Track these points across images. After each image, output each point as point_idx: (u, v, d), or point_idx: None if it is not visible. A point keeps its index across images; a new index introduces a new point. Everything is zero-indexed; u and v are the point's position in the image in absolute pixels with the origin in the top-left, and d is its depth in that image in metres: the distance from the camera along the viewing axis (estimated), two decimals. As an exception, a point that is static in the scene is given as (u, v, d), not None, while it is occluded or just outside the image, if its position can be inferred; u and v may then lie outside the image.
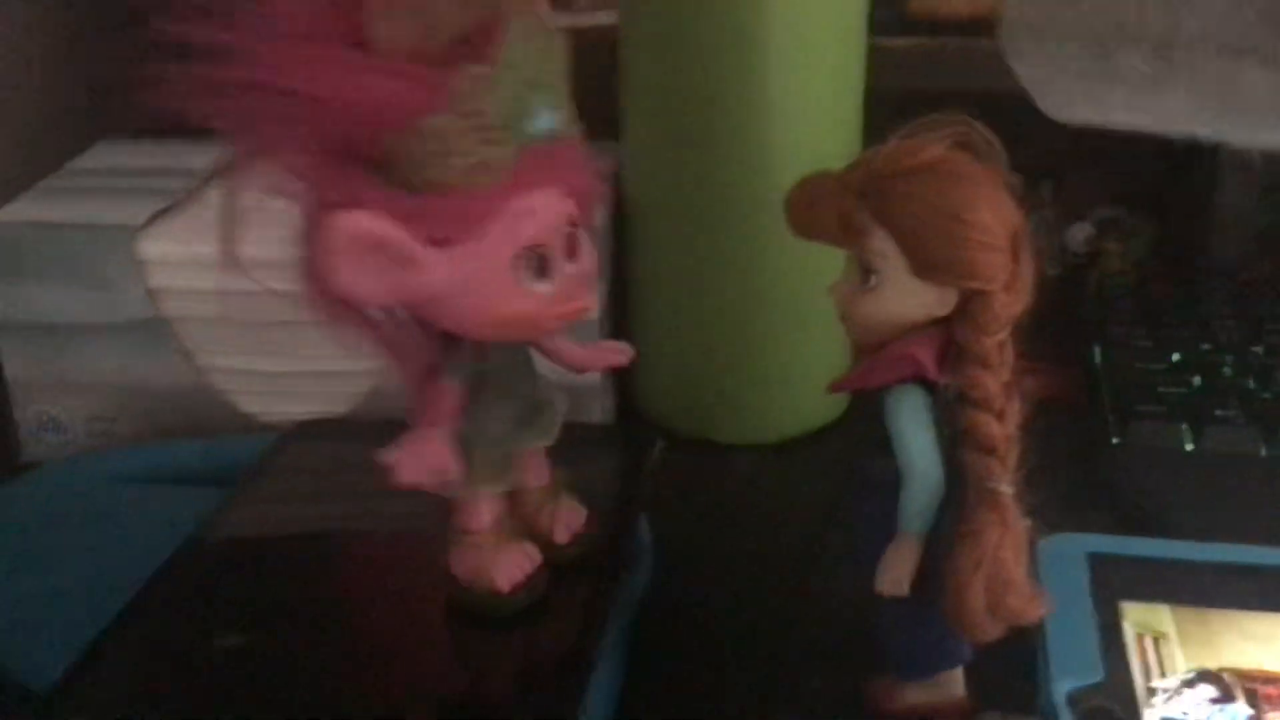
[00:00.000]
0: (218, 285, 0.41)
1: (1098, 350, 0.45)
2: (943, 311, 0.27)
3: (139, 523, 0.37)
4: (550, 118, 0.27)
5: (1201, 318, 0.46)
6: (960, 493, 0.28)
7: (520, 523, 0.32)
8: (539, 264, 0.27)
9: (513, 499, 0.31)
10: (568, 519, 0.32)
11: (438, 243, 0.26)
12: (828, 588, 0.35)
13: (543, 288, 0.28)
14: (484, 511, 0.30)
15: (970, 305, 0.27)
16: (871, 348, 0.28)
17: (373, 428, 0.39)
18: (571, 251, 0.28)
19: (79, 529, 0.38)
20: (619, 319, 0.45)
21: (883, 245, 0.27)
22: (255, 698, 0.28)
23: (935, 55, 0.49)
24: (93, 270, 0.42)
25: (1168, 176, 0.55)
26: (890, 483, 0.28)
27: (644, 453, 0.37)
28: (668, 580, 0.35)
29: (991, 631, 0.27)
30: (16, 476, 0.40)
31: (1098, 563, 0.34)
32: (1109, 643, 0.31)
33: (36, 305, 0.43)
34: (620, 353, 0.33)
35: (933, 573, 0.28)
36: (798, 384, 0.44)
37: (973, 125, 0.27)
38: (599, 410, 0.43)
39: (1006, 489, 0.27)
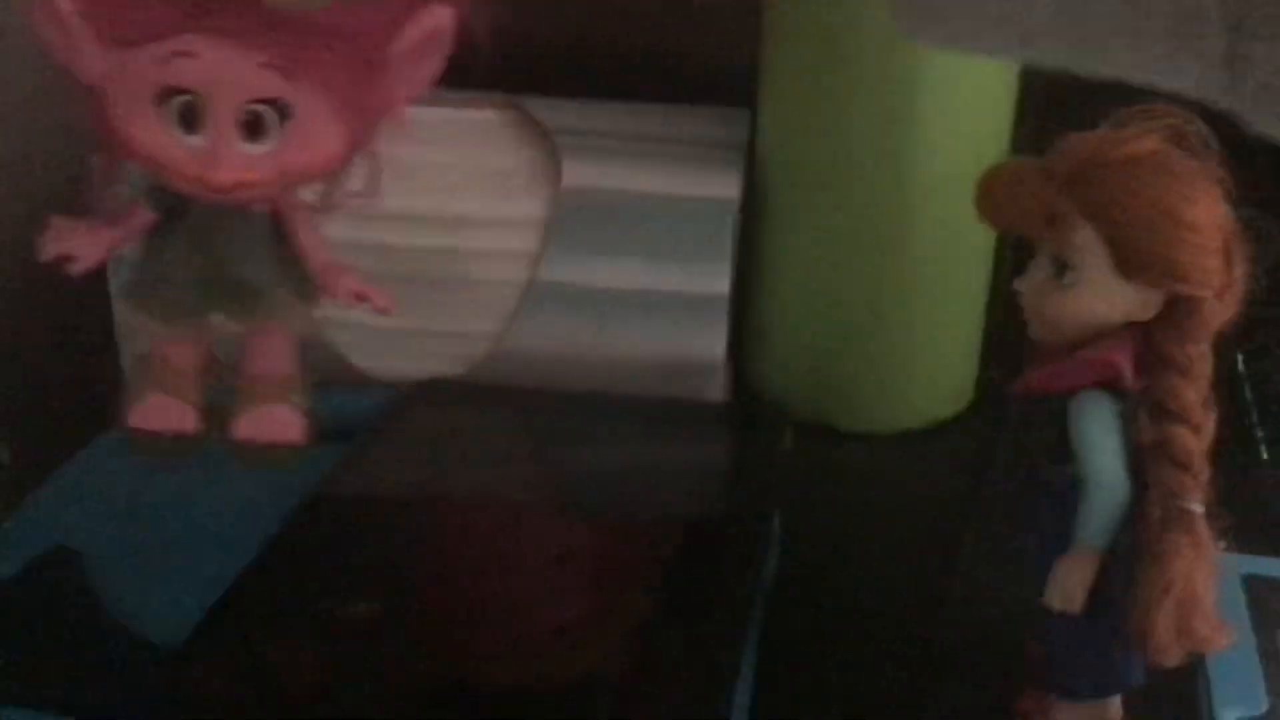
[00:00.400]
0: (336, 234, 0.40)
1: (1241, 359, 0.43)
2: (1143, 315, 0.26)
3: (250, 474, 0.36)
4: None
5: (1350, 330, 0.44)
6: (1142, 508, 0.26)
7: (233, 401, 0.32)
8: (185, 112, 0.28)
9: (241, 376, 0.32)
10: (258, 420, 0.32)
11: (104, 42, 0.27)
12: (966, 590, 0.34)
13: (186, 139, 0.28)
14: (159, 349, 0.32)
15: (1177, 310, 0.25)
16: (1056, 349, 0.27)
17: (490, 393, 0.39)
18: (253, 130, 0.28)
19: (189, 479, 0.37)
20: (744, 292, 0.43)
21: (1086, 240, 0.25)
22: (381, 667, 0.27)
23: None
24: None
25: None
26: (1065, 489, 0.27)
27: (775, 437, 0.36)
28: (791, 574, 0.34)
29: (1174, 657, 0.25)
30: (105, 432, 0.39)
31: (1255, 586, 0.32)
32: (1274, 671, 0.30)
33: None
34: (366, 295, 0.32)
35: (1107, 590, 0.26)
36: (925, 374, 0.42)
37: (1187, 118, 0.26)
38: (715, 388, 0.42)
39: (1198, 508, 0.25)
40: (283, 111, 0.28)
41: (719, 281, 0.40)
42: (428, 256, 0.41)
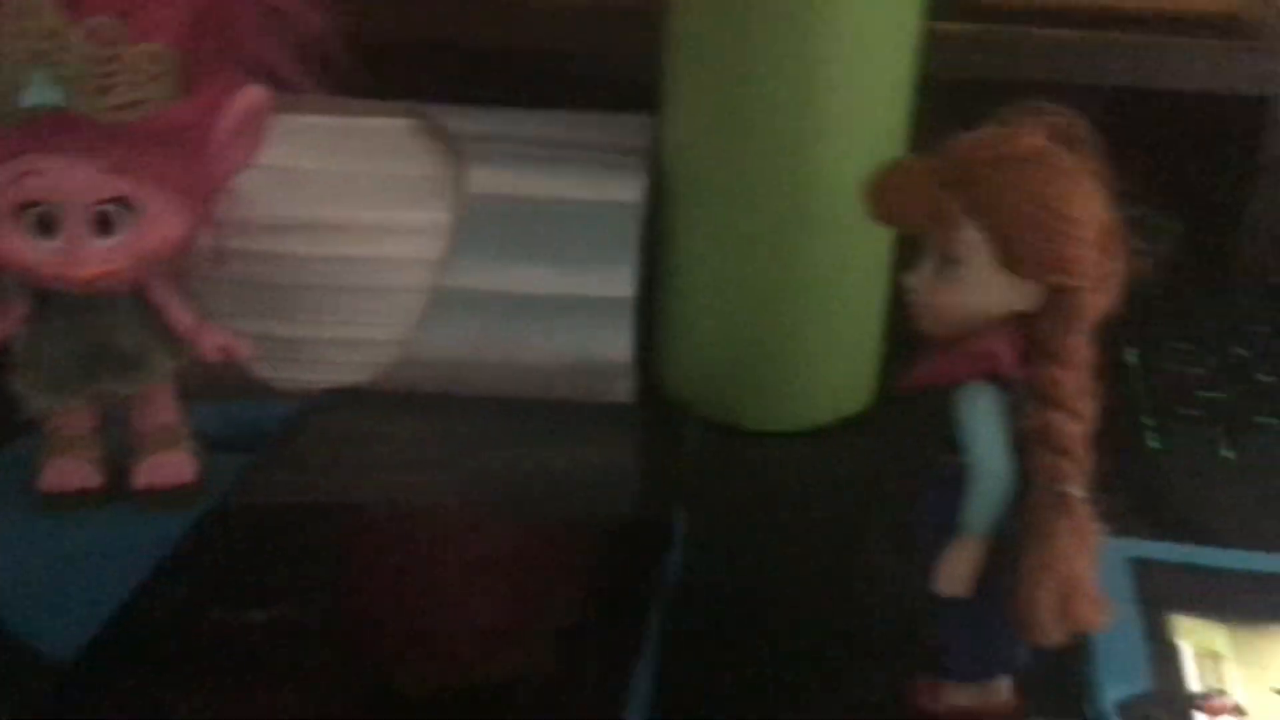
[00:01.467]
0: (235, 246, 0.39)
1: (1132, 352, 0.44)
2: (1025, 307, 0.26)
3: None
4: (48, 92, 0.29)
5: (1235, 322, 0.46)
6: (1026, 494, 0.27)
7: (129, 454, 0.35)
8: (41, 220, 0.31)
9: (133, 432, 0.35)
10: (153, 469, 0.35)
11: None
12: (866, 582, 0.35)
13: (44, 243, 0.31)
14: (56, 419, 0.35)
15: (1056, 301, 0.26)
16: (944, 341, 0.28)
17: (397, 399, 0.39)
18: (103, 227, 0.31)
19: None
20: (649, 296, 0.43)
21: (970, 236, 0.26)
22: (280, 674, 0.27)
23: (988, 42, 0.49)
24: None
25: (1197, 176, 0.55)
26: (955, 479, 0.27)
27: (679, 437, 0.36)
28: (698, 571, 0.34)
29: (1056, 637, 0.26)
30: (20, 436, 0.39)
31: (1141, 569, 0.34)
32: (1158, 652, 0.31)
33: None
34: (230, 347, 0.35)
35: (994, 574, 0.27)
36: (830, 371, 0.43)
37: (1068, 116, 0.27)
38: (622, 390, 0.42)
39: (1078, 492, 0.26)
40: (128, 207, 0.31)
41: (623, 285, 0.40)
42: (332, 265, 0.40)
